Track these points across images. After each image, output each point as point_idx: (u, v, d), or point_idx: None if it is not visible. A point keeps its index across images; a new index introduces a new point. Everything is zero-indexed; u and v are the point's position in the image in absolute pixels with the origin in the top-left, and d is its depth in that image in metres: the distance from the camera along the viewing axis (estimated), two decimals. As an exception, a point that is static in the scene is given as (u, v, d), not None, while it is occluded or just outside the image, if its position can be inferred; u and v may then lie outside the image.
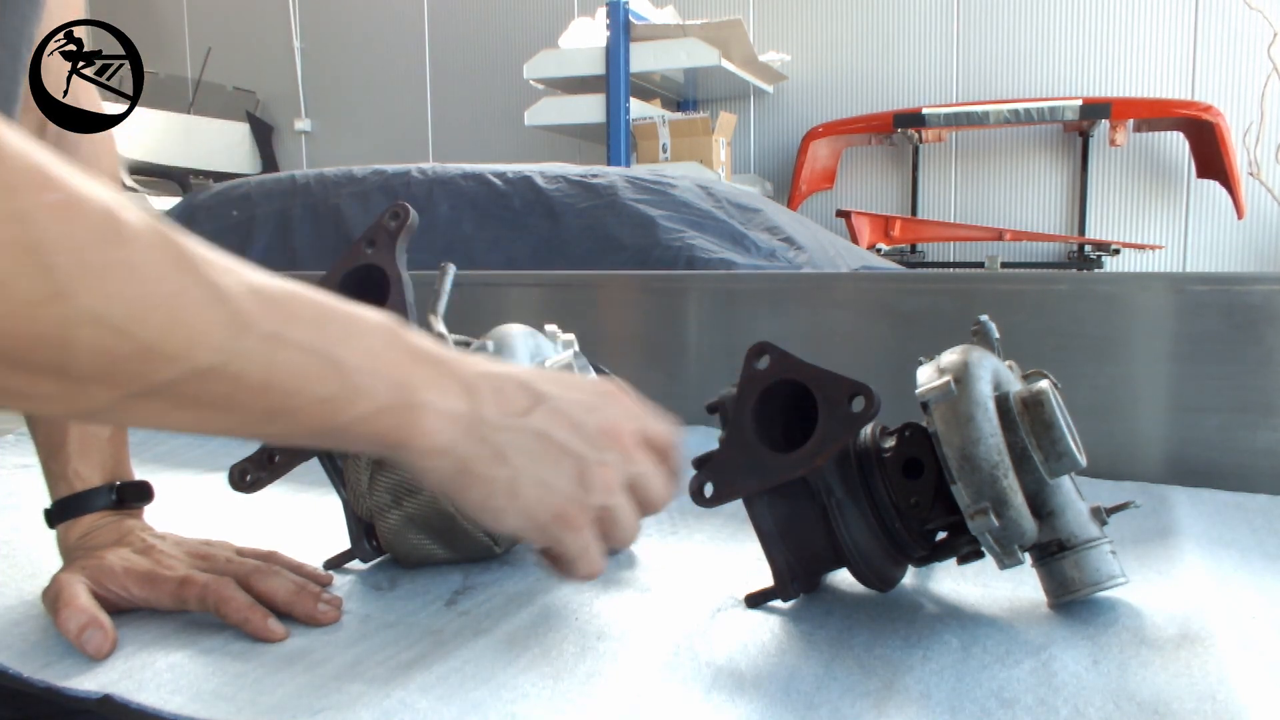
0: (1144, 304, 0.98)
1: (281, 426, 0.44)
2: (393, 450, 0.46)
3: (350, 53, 4.62)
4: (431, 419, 0.45)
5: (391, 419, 0.45)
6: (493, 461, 0.47)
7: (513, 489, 0.47)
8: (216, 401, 0.41)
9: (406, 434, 0.45)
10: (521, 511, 0.48)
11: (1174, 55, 3.41)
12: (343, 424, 0.44)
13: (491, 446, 0.47)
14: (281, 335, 0.42)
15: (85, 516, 0.66)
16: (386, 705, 0.49)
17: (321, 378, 0.43)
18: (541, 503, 0.48)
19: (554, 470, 0.49)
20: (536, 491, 0.48)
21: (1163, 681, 0.52)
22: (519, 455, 0.48)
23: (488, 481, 0.47)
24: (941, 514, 0.59)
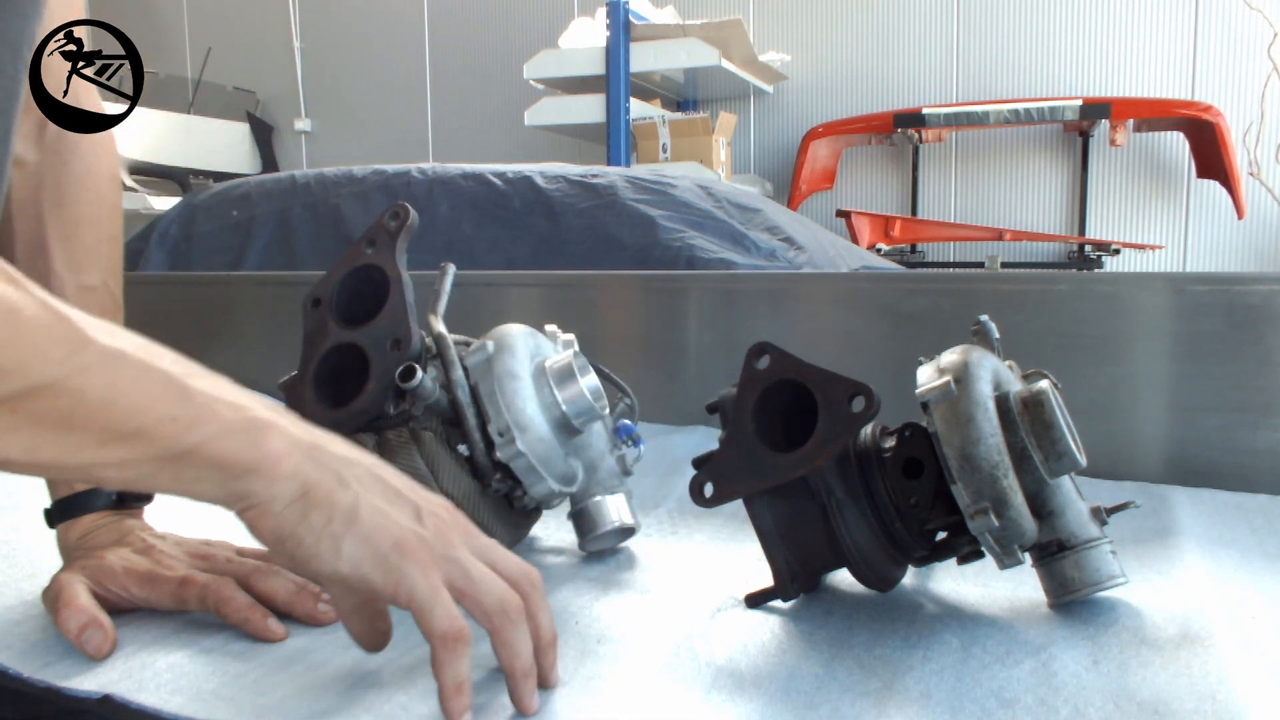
0: (1144, 304, 0.98)
1: (126, 449, 0.42)
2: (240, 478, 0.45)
3: (350, 53, 4.62)
4: (277, 440, 0.46)
5: (240, 439, 0.44)
6: (334, 486, 0.46)
7: (353, 513, 0.46)
8: (57, 419, 0.40)
9: (255, 455, 0.45)
10: (361, 537, 0.46)
11: (1174, 55, 3.41)
12: (191, 445, 0.43)
13: (333, 473, 0.47)
14: (124, 354, 0.42)
15: (85, 516, 0.66)
16: (387, 708, 0.49)
17: (165, 396, 0.43)
18: (381, 529, 0.47)
19: (393, 504, 0.48)
20: (376, 519, 0.47)
21: (1163, 681, 0.52)
22: (358, 484, 0.47)
23: (329, 505, 0.46)
24: (941, 514, 0.59)
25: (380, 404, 0.67)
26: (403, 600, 0.47)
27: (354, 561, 0.46)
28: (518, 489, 0.67)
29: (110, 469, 0.43)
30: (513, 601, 0.49)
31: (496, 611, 0.48)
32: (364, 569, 0.46)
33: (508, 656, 0.48)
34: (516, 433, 0.65)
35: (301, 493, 0.46)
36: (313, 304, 0.71)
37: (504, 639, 0.48)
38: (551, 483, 0.67)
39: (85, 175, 0.71)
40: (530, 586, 0.50)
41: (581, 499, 0.73)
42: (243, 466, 0.45)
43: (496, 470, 0.67)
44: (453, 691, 0.47)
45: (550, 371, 0.68)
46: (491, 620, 0.48)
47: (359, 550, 0.46)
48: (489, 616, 0.48)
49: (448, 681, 0.47)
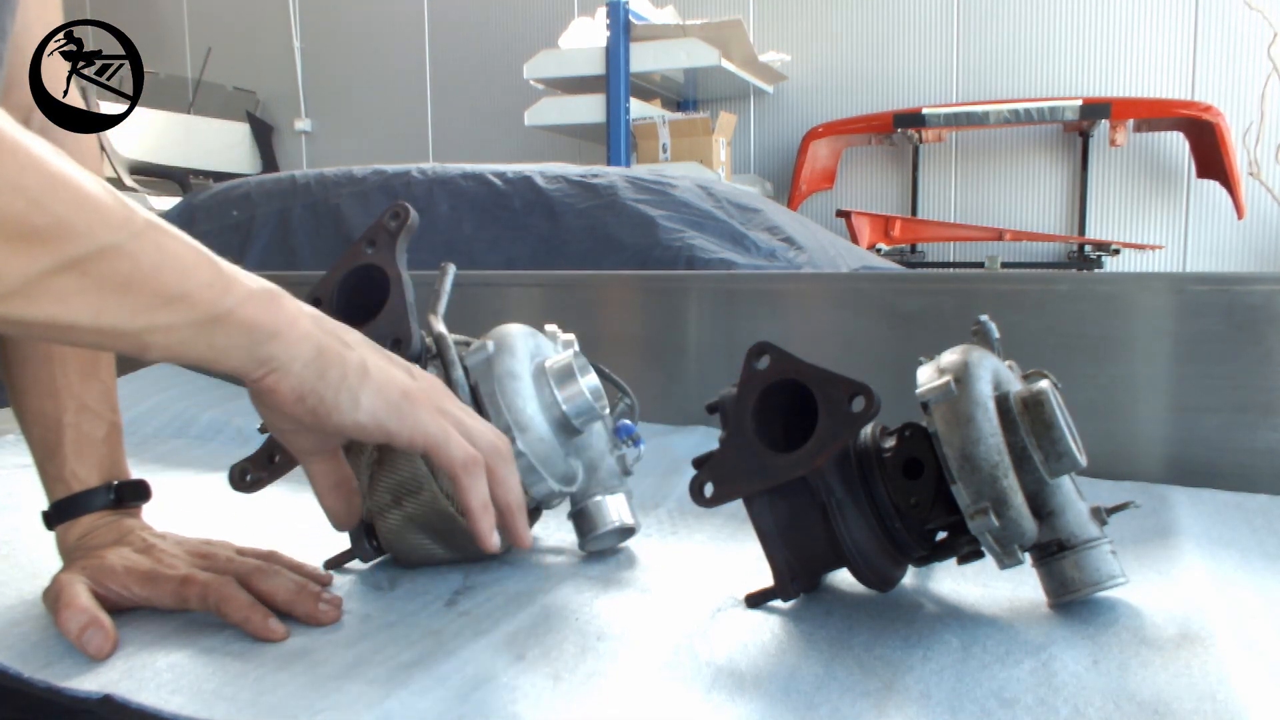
0: (1144, 304, 0.99)
1: (173, 313, 0.45)
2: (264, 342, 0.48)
3: (350, 53, 4.62)
4: (290, 304, 0.50)
5: (262, 304, 0.48)
6: (341, 346, 0.51)
7: (363, 369, 0.51)
8: (118, 282, 0.43)
9: (275, 318, 0.49)
10: (375, 389, 0.51)
11: (1174, 55, 3.41)
12: (226, 309, 0.47)
13: (336, 336, 0.52)
14: (163, 226, 0.46)
15: (84, 517, 0.66)
16: (387, 706, 0.49)
17: (201, 264, 0.47)
18: (390, 382, 0.52)
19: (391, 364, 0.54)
20: (383, 373, 0.52)
21: (1163, 681, 0.52)
22: (360, 345, 0.53)
23: (341, 361, 0.51)
24: (941, 514, 0.59)
25: (380, 404, 0.67)
26: (419, 442, 0.52)
27: (371, 411, 0.51)
28: (518, 489, 0.67)
29: (158, 334, 0.45)
30: (502, 443, 0.56)
31: (490, 451, 0.55)
32: (380, 416, 0.51)
33: (503, 493, 0.55)
34: (516, 433, 0.65)
35: (316, 353, 0.50)
36: (313, 304, 0.71)
37: (498, 476, 0.55)
38: (551, 483, 0.67)
39: None
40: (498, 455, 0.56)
41: (581, 499, 0.73)
42: (267, 330, 0.48)
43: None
44: (481, 511, 0.54)
45: (550, 371, 0.68)
46: (488, 459, 0.54)
47: (374, 400, 0.51)
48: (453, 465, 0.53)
49: (475, 504, 0.53)
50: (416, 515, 0.67)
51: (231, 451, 0.74)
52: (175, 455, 1.11)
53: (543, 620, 0.61)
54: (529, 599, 0.65)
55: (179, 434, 1.21)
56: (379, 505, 0.67)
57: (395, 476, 0.67)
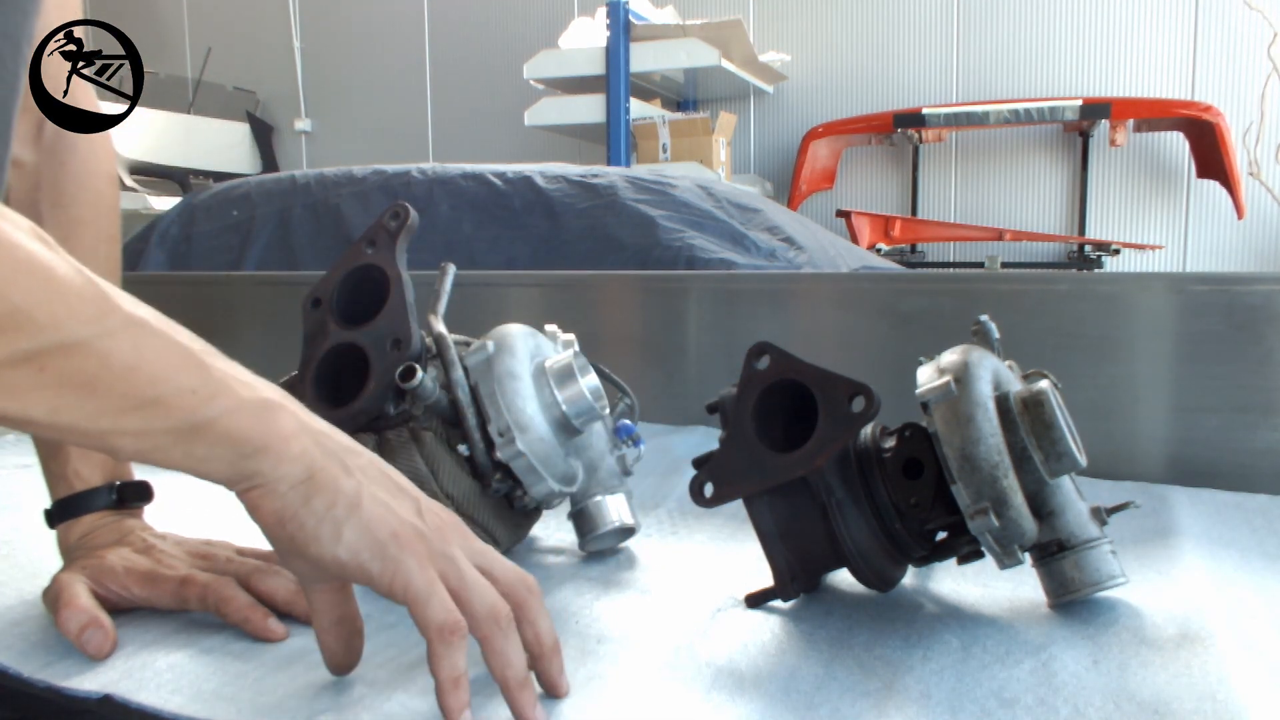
0: (1144, 304, 0.98)
1: (145, 419, 0.43)
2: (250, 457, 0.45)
3: (350, 53, 4.62)
4: (287, 421, 0.46)
5: (253, 417, 0.45)
6: (339, 473, 0.47)
7: (355, 501, 0.47)
8: (82, 381, 0.41)
9: (266, 434, 0.45)
10: (361, 525, 0.46)
11: (1174, 55, 3.41)
12: (207, 419, 0.44)
13: (338, 460, 0.47)
14: (148, 323, 0.43)
15: (85, 516, 0.66)
16: (387, 707, 0.49)
17: (186, 368, 0.43)
18: (381, 520, 0.47)
19: (394, 497, 0.49)
20: (377, 509, 0.47)
21: (1163, 681, 0.52)
22: (361, 474, 0.48)
23: (333, 491, 0.46)
24: (941, 514, 0.59)
25: (380, 404, 0.67)
26: (399, 591, 0.46)
27: (353, 548, 0.46)
28: (518, 489, 0.67)
29: (127, 438, 0.43)
30: (502, 609, 0.48)
31: (486, 618, 0.47)
32: (362, 557, 0.46)
33: (499, 666, 0.47)
34: (516, 433, 0.65)
35: (307, 475, 0.46)
36: (313, 304, 0.71)
37: (494, 647, 0.47)
38: (551, 483, 0.67)
39: (83, 176, 0.71)
40: (527, 592, 0.50)
41: (581, 499, 0.73)
42: (254, 445, 0.45)
43: (496, 470, 0.67)
44: (450, 686, 0.46)
45: (550, 371, 0.68)
46: (481, 627, 0.47)
47: (359, 537, 0.46)
48: (478, 623, 0.47)
49: (444, 676, 0.46)
50: (416, 515, 0.67)
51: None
52: (175, 455, 1.11)
53: (543, 620, 0.61)
54: (529, 599, 0.65)
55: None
56: (379, 505, 0.67)
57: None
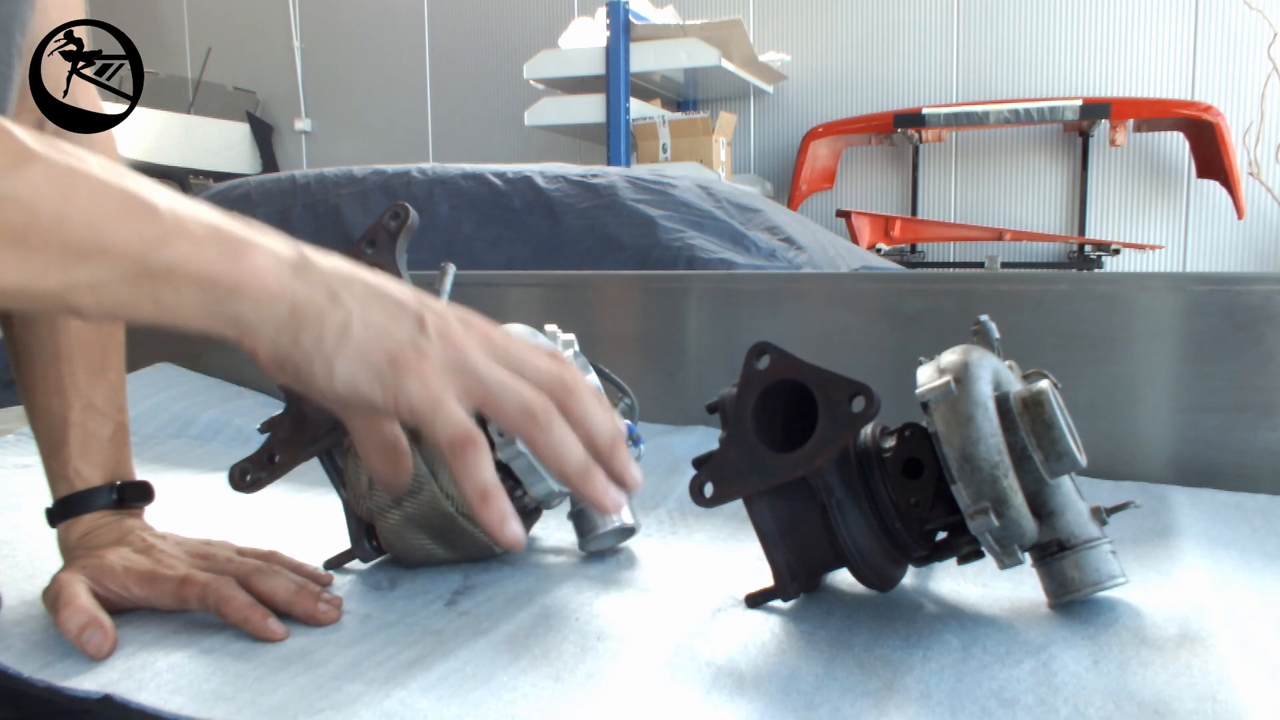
0: (1144, 304, 0.98)
1: (94, 269, 0.40)
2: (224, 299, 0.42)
3: (350, 53, 4.62)
4: (259, 256, 0.43)
5: (217, 255, 0.42)
6: (326, 303, 0.44)
7: (344, 330, 0.44)
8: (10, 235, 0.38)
9: (236, 272, 0.42)
10: (354, 354, 0.43)
11: (1174, 55, 3.41)
12: (165, 262, 0.41)
13: (324, 289, 0.44)
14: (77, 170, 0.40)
15: (86, 516, 0.66)
16: (387, 705, 0.49)
17: (129, 212, 0.41)
18: (377, 342, 0.44)
19: (392, 317, 0.45)
20: (370, 332, 0.44)
21: (1163, 681, 0.52)
22: (352, 299, 0.44)
23: (319, 323, 0.43)
24: (941, 514, 0.59)
25: (380, 404, 0.67)
26: (404, 413, 0.44)
27: (348, 380, 0.44)
28: (518, 489, 0.68)
29: (83, 292, 0.40)
30: (538, 404, 0.44)
31: (519, 417, 0.44)
32: (360, 387, 0.44)
33: (553, 460, 0.45)
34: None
35: (291, 312, 0.43)
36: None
37: (539, 444, 0.44)
38: (551, 483, 0.67)
39: None
40: (565, 389, 0.46)
41: (582, 499, 0.73)
42: (225, 285, 0.42)
43: (497, 470, 0.67)
44: (479, 498, 0.44)
45: (550, 371, 0.68)
46: (519, 428, 0.44)
47: (352, 368, 0.44)
48: (514, 424, 0.44)
49: (470, 489, 0.44)
50: (416, 515, 0.67)
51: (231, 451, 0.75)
52: (175, 455, 1.11)
53: (542, 620, 0.61)
54: (529, 599, 0.65)
55: (179, 434, 1.21)
56: (379, 505, 0.67)
57: (395, 476, 0.67)
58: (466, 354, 0.45)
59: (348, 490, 0.70)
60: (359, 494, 0.68)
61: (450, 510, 0.67)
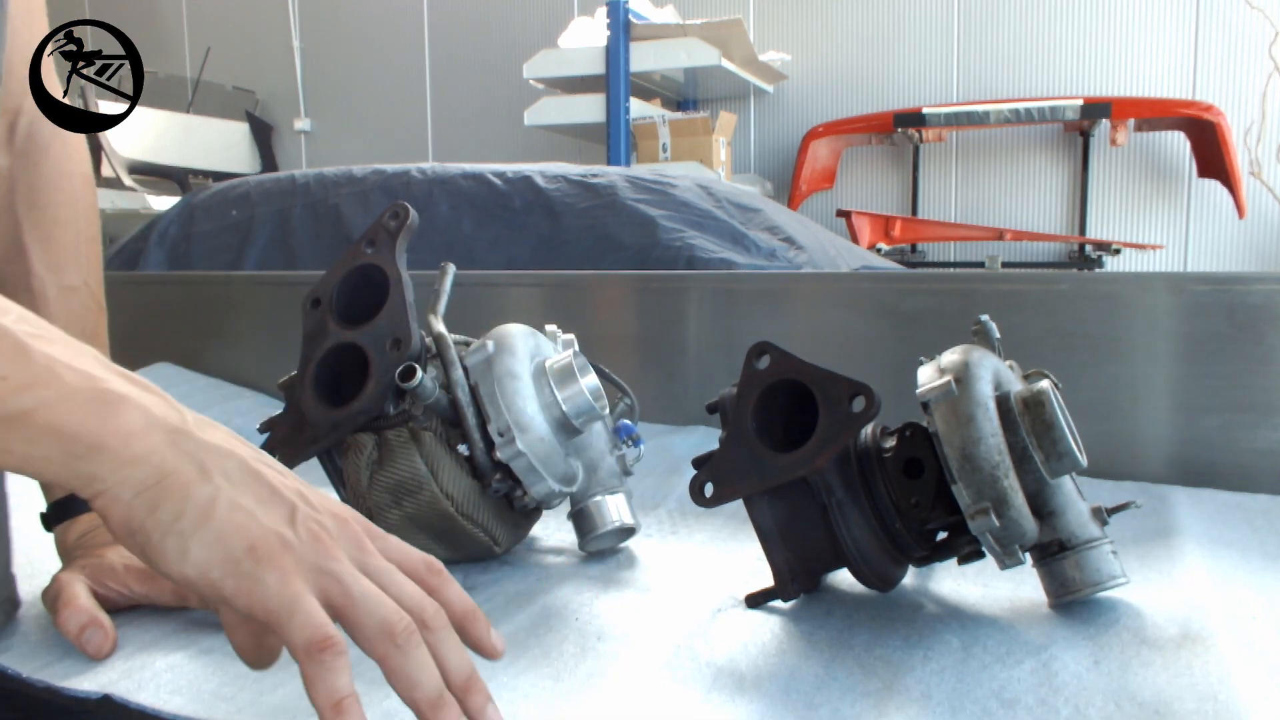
0: (1144, 304, 0.98)
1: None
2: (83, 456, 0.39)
3: (350, 52, 4.62)
4: (131, 415, 0.40)
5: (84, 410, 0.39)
6: (194, 477, 0.41)
7: (207, 510, 0.40)
8: None
9: (100, 430, 0.39)
10: (212, 538, 0.40)
11: (1174, 55, 3.41)
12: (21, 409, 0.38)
13: (195, 462, 0.41)
14: None
15: (83, 516, 0.66)
16: (387, 705, 0.49)
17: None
18: (239, 529, 0.40)
19: (262, 503, 0.42)
20: (235, 516, 0.41)
21: (1164, 681, 0.52)
22: (224, 479, 0.41)
23: (181, 498, 0.40)
24: (942, 514, 0.59)
25: (380, 404, 0.67)
26: (258, 611, 0.40)
27: (200, 565, 0.40)
28: (518, 489, 0.67)
29: None
30: (399, 623, 0.41)
31: (379, 635, 0.41)
32: (212, 574, 0.40)
33: (405, 689, 0.41)
34: (516, 433, 0.65)
35: (155, 480, 0.40)
36: (313, 304, 0.71)
37: (393, 668, 0.41)
38: (551, 483, 0.67)
39: (57, 176, 0.70)
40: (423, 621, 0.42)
41: (581, 499, 0.73)
42: (86, 442, 0.39)
43: (496, 470, 0.67)
44: (331, 713, 0.39)
45: (550, 371, 0.68)
46: (375, 647, 0.41)
47: (207, 552, 0.40)
48: (372, 643, 0.41)
49: (322, 701, 0.39)
50: (416, 515, 0.67)
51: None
52: (175, 455, 1.11)
53: (542, 620, 0.61)
54: (529, 599, 0.65)
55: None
56: (379, 505, 0.67)
57: (395, 476, 0.67)
58: (333, 557, 0.42)
59: (348, 490, 0.69)
60: (359, 494, 0.68)
61: (450, 510, 0.66)
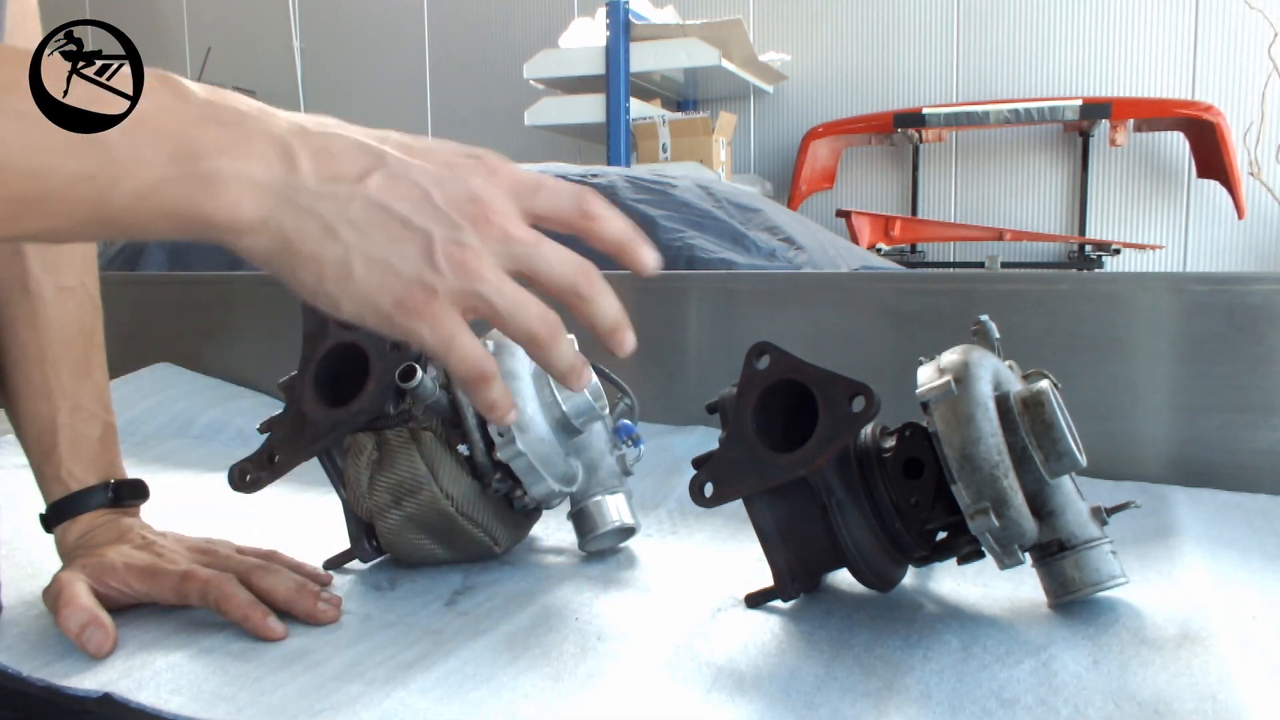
0: (1144, 304, 0.98)
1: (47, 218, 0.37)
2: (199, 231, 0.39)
3: (350, 52, 4.62)
4: (233, 188, 0.39)
5: (178, 192, 0.38)
6: (320, 236, 0.40)
7: (345, 270, 0.41)
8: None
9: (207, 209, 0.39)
10: (358, 297, 0.41)
11: (1174, 55, 3.41)
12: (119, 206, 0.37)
13: (317, 218, 0.40)
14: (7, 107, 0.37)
15: (83, 516, 0.66)
16: (387, 706, 0.49)
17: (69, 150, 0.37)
18: (381, 287, 0.41)
19: (394, 248, 0.41)
20: (374, 274, 0.41)
21: (1163, 681, 0.52)
22: (350, 229, 0.41)
23: (316, 261, 0.40)
24: (942, 514, 0.59)
25: (380, 404, 0.67)
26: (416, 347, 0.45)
27: (356, 316, 0.43)
28: (518, 489, 0.67)
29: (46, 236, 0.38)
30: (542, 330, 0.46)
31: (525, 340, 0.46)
32: (368, 322, 0.43)
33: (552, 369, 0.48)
34: (516, 433, 0.65)
35: (281, 244, 0.40)
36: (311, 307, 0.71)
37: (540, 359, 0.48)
38: (551, 483, 0.67)
39: None
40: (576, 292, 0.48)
41: (581, 499, 0.73)
42: (200, 222, 0.39)
43: (496, 470, 0.67)
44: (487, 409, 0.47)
45: (550, 371, 0.68)
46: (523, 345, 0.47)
47: (359, 307, 0.42)
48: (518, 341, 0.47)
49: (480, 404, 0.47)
50: (416, 515, 0.67)
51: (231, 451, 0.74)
52: (175, 455, 1.11)
53: (542, 620, 0.61)
54: (529, 599, 0.65)
55: (179, 434, 1.21)
56: (379, 505, 0.67)
57: (395, 476, 0.67)
58: (479, 277, 0.43)
59: (348, 490, 0.70)
60: (359, 494, 0.68)
61: (450, 510, 0.67)
